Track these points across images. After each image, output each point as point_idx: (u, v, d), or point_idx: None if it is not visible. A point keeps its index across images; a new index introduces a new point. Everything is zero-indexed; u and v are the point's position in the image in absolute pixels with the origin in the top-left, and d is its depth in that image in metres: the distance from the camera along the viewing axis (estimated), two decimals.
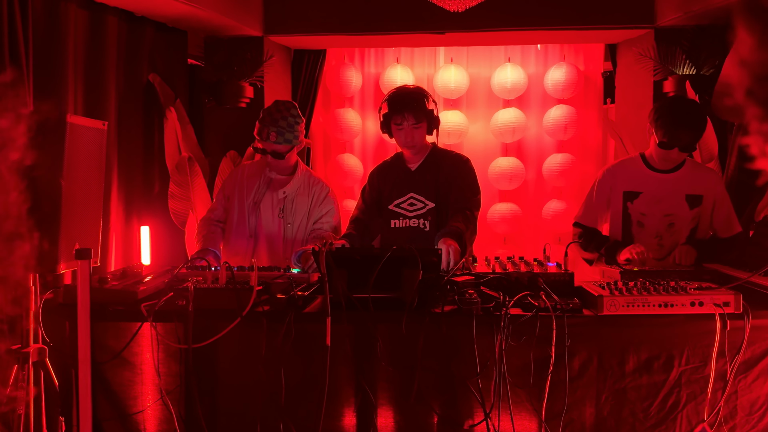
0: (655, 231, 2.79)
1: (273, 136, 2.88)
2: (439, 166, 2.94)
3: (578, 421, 2.06)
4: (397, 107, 2.86)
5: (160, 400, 2.13)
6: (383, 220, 3.00)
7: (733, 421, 2.04)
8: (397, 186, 2.98)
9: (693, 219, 2.78)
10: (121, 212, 3.58)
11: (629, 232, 2.82)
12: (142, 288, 2.22)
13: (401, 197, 2.96)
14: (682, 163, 2.80)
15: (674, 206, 2.77)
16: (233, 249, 3.02)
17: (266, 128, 2.90)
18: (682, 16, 3.74)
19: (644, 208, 2.80)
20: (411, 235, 2.90)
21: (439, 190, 2.91)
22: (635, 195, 2.81)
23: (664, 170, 2.80)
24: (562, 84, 4.66)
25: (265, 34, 4.27)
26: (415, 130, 2.87)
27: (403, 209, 2.95)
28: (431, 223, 2.90)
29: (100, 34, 3.39)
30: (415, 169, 2.97)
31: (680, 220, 2.77)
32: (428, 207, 2.91)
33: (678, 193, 2.77)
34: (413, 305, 2.04)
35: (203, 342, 2.03)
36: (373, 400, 2.06)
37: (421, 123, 2.86)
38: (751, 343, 2.02)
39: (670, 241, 2.78)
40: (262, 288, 2.15)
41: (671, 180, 2.79)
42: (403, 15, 4.15)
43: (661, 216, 2.78)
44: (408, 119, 2.85)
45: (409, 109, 2.84)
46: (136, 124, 3.74)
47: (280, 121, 2.89)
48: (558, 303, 2.04)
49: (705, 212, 2.78)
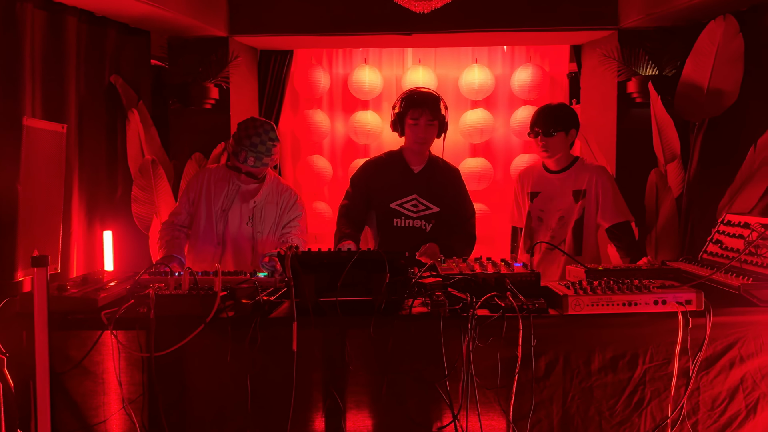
0: (550, 225, 3.13)
1: (251, 160, 2.87)
2: (444, 175, 3.13)
3: (546, 421, 2.07)
4: (417, 103, 2.99)
5: (122, 410, 2.08)
6: (382, 218, 3.05)
7: (696, 416, 2.08)
8: (399, 185, 3.06)
9: (577, 211, 3.08)
10: (83, 217, 3.50)
11: (530, 227, 3.19)
12: (103, 295, 2.16)
13: (404, 197, 3.04)
14: (572, 163, 3.13)
15: (563, 202, 3.11)
16: (200, 255, 2.97)
17: (244, 151, 2.87)
18: (644, 18, 3.80)
19: (542, 205, 3.16)
20: (412, 234, 3.00)
21: (444, 198, 3.07)
22: (536, 194, 3.19)
23: (555, 170, 3.15)
24: (528, 85, 4.71)
25: (230, 35, 4.22)
26: (429, 126, 3.00)
27: (407, 209, 3.04)
28: (433, 226, 3.03)
29: (59, 34, 3.30)
30: (419, 171, 3.08)
31: (568, 214, 3.10)
32: (433, 210, 3.04)
33: (566, 190, 3.11)
34: (381, 308, 2.03)
35: (166, 350, 1.99)
36: (341, 405, 2.05)
37: (435, 122, 3.00)
38: (713, 340, 2.06)
39: (560, 233, 3.11)
40: (227, 293, 2.11)
41: (561, 178, 3.13)
42: (370, 16, 4.14)
43: (554, 211, 3.12)
44: (425, 114, 2.97)
45: (426, 106, 2.98)
46: (98, 126, 3.66)
47: (259, 145, 2.87)
48: (524, 303, 2.05)
49: (590, 204, 3.08)
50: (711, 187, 3.67)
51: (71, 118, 3.39)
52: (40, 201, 2.48)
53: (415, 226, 3.02)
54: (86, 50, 3.53)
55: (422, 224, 3.03)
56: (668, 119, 3.66)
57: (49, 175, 2.52)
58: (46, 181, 2.51)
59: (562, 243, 3.08)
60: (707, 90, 3.55)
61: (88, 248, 3.54)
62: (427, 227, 3.02)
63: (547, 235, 3.12)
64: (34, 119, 2.52)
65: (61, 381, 2.08)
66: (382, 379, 2.04)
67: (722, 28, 3.41)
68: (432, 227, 3.03)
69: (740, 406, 2.08)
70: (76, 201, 3.43)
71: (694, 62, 3.59)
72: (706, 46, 3.51)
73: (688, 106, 3.68)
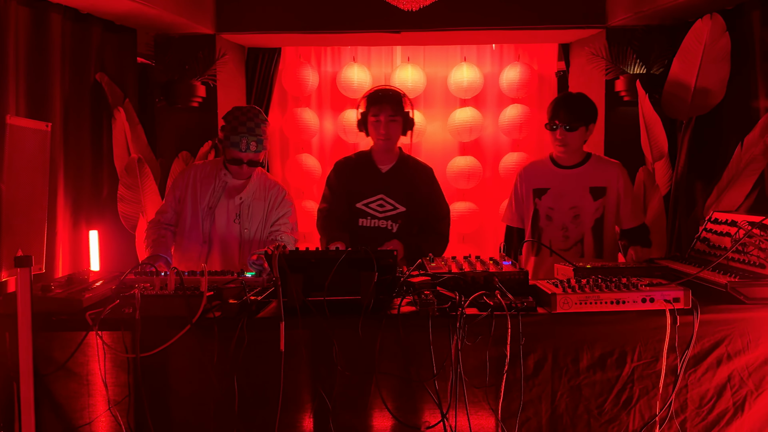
0: (562, 223, 2.96)
1: (253, 145, 2.83)
2: (414, 175, 3.07)
3: (534, 419, 2.07)
4: (377, 99, 2.98)
5: (108, 411, 2.06)
6: (348, 218, 3.03)
7: (684, 414, 2.08)
8: (367, 185, 3.04)
9: (597, 210, 2.94)
10: (68, 217, 3.46)
11: (538, 227, 3.00)
12: (88, 295, 2.13)
13: (370, 197, 3.02)
14: (586, 159, 2.99)
15: (578, 199, 2.95)
16: (186, 254, 2.94)
17: (244, 138, 2.81)
18: (632, 16, 3.81)
19: (551, 203, 2.98)
20: (377, 235, 2.96)
21: (412, 197, 3.02)
22: (543, 191, 3.00)
23: (568, 166, 2.99)
24: (516, 83, 4.71)
25: (217, 32, 4.19)
26: (391, 123, 2.97)
27: (373, 209, 3.01)
28: (399, 226, 2.99)
29: (43, 31, 3.26)
30: (387, 171, 3.05)
31: (584, 212, 2.94)
32: (398, 210, 3.00)
33: (582, 187, 2.96)
34: (369, 308, 2.02)
35: (152, 351, 1.97)
36: (329, 405, 2.03)
37: (397, 117, 2.97)
38: (700, 338, 2.06)
39: (576, 232, 2.95)
40: (213, 293, 2.09)
41: (575, 174, 2.97)
42: (359, 13, 4.12)
43: (566, 209, 2.96)
44: (385, 110, 2.95)
45: (386, 101, 2.96)
46: (83, 125, 3.62)
47: (255, 129, 2.83)
48: (513, 302, 2.04)
49: (610, 203, 2.95)
50: (698, 185, 3.69)
51: (56, 116, 3.35)
52: (24, 200, 2.45)
53: (381, 227, 2.99)
54: (71, 48, 3.49)
55: (388, 224, 3.00)
56: (656, 117, 3.67)
57: (34, 174, 2.49)
58: (30, 180, 2.47)
59: (579, 243, 2.95)
60: (694, 88, 3.57)
61: (74, 248, 3.50)
62: (393, 227, 2.99)
63: (560, 235, 2.96)
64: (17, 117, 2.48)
65: (45, 383, 2.05)
66: (370, 378, 2.03)
67: (709, 26, 3.43)
68: (399, 227, 2.99)
69: (728, 404, 2.08)
70: (61, 200, 3.39)
71: (682, 61, 3.61)
72: (693, 45, 3.52)
73: (676, 105, 3.70)
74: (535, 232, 3.02)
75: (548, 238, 2.98)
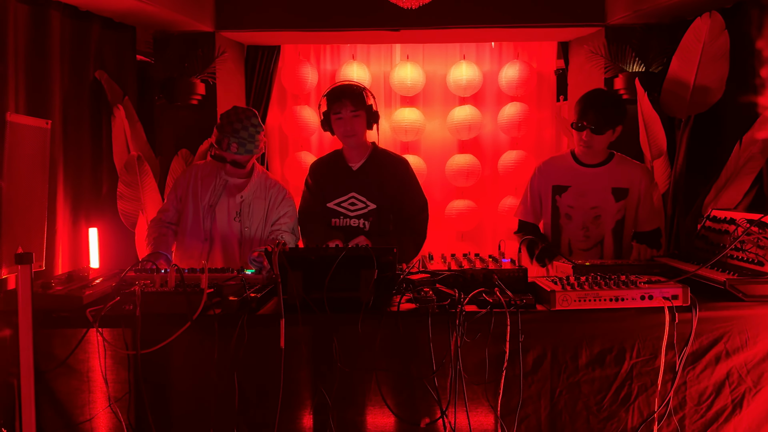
0: (582, 223, 2.88)
1: (234, 147, 2.83)
2: (383, 170, 2.98)
3: (533, 416, 2.08)
4: (335, 96, 2.91)
5: (108, 408, 2.07)
6: (324, 216, 3.00)
7: (683, 411, 2.09)
8: (338, 185, 2.99)
9: (618, 211, 2.87)
10: (68, 214, 3.46)
11: (557, 225, 2.92)
12: (88, 293, 2.14)
13: (342, 196, 2.98)
14: (609, 158, 2.91)
15: (600, 199, 2.86)
16: (187, 252, 2.95)
17: (226, 138, 2.83)
18: (631, 15, 3.81)
19: (572, 201, 2.89)
20: (351, 234, 2.91)
21: (383, 192, 2.95)
22: (563, 189, 2.91)
23: (591, 164, 2.90)
24: (515, 81, 4.71)
25: (216, 30, 4.19)
26: (354, 118, 2.90)
27: (344, 208, 2.97)
28: (372, 223, 2.94)
29: (43, 29, 3.26)
30: (357, 168, 2.99)
31: (606, 213, 2.86)
32: (369, 208, 2.94)
33: (604, 187, 2.87)
34: (369, 305, 2.03)
35: (152, 348, 1.97)
36: (329, 402, 2.04)
37: (359, 111, 2.90)
38: (699, 335, 2.07)
39: (596, 233, 2.87)
40: (214, 290, 2.10)
41: (598, 174, 2.88)
42: (358, 11, 4.12)
43: (587, 209, 2.87)
44: (346, 106, 2.88)
45: (346, 97, 2.88)
46: (83, 122, 3.61)
47: (241, 131, 2.84)
48: (512, 299, 2.05)
49: (631, 205, 2.87)
50: (697, 183, 3.69)
51: (55, 113, 3.35)
52: (24, 198, 2.44)
53: (353, 225, 2.94)
54: (70, 45, 3.49)
55: (360, 223, 2.94)
56: (655, 115, 3.68)
57: (33, 172, 2.48)
58: (30, 177, 2.47)
59: (599, 244, 2.88)
60: (693, 86, 3.57)
61: (74, 245, 3.50)
62: (366, 226, 2.93)
63: (580, 234, 2.88)
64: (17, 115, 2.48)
65: (45, 379, 2.06)
66: (370, 375, 2.04)
67: (708, 25, 3.43)
68: (371, 225, 2.94)
69: (726, 401, 2.09)
70: (61, 198, 3.39)
71: (680, 59, 3.61)
72: (692, 43, 3.53)
73: (675, 103, 3.70)
74: (554, 230, 2.93)
75: (567, 237, 2.91)
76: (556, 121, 4.88)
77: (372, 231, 2.93)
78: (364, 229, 2.93)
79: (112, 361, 2.06)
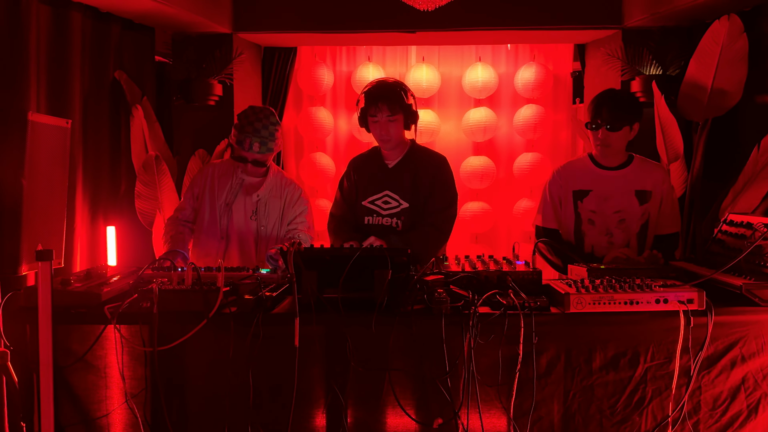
0: (606, 228, 2.79)
1: (256, 146, 2.84)
2: (418, 166, 2.90)
3: (546, 419, 2.08)
4: (373, 99, 2.81)
5: (125, 404, 2.09)
6: (357, 216, 2.96)
7: (697, 416, 2.08)
8: (373, 182, 2.93)
9: (643, 215, 2.78)
10: (86, 212, 3.51)
11: (580, 231, 2.83)
12: (107, 290, 2.17)
13: (376, 194, 2.91)
14: (630, 160, 2.82)
15: (624, 203, 2.77)
16: (204, 250, 2.98)
17: (248, 138, 2.83)
18: (648, 17, 3.80)
19: (594, 206, 2.79)
20: (384, 233, 2.84)
21: (417, 191, 2.87)
22: (585, 193, 2.81)
23: (611, 167, 2.81)
24: (531, 84, 4.70)
25: (234, 31, 4.23)
26: (390, 123, 2.80)
27: (378, 206, 2.90)
28: (404, 222, 2.88)
29: (64, 30, 3.31)
30: (393, 166, 2.93)
31: (630, 216, 2.77)
32: (402, 207, 2.88)
33: (627, 190, 2.78)
34: (383, 305, 2.04)
35: (169, 345, 2.00)
36: (343, 401, 2.05)
37: (397, 116, 2.80)
38: (714, 339, 2.06)
39: (621, 238, 2.78)
40: (230, 289, 2.12)
41: (619, 177, 2.79)
42: (374, 13, 4.14)
43: (611, 213, 2.78)
44: (383, 111, 2.78)
45: (383, 101, 2.78)
46: (102, 122, 3.66)
47: (262, 130, 2.85)
48: (526, 301, 2.05)
49: (653, 207, 2.79)
50: (714, 186, 3.66)
51: (76, 113, 3.40)
52: (45, 196, 2.48)
53: (385, 224, 2.87)
54: (90, 46, 3.54)
55: (393, 222, 2.86)
56: (671, 119, 3.66)
57: (54, 170, 2.53)
58: (51, 176, 2.51)
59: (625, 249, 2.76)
60: (711, 90, 3.55)
61: (92, 243, 3.55)
62: (399, 225, 2.86)
63: (604, 240, 2.78)
64: (39, 114, 2.53)
65: (64, 375, 2.09)
66: (383, 375, 2.05)
67: (726, 28, 3.40)
68: (404, 225, 2.86)
69: (741, 406, 2.08)
70: (80, 196, 3.44)
71: (698, 62, 3.59)
72: (710, 46, 3.50)
73: (692, 106, 3.68)
74: (577, 236, 2.84)
75: (591, 243, 2.81)
76: (571, 124, 4.86)
77: (404, 230, 2.85)
78: (396, 229, 2.86)
79: (129, 358, 2.08)
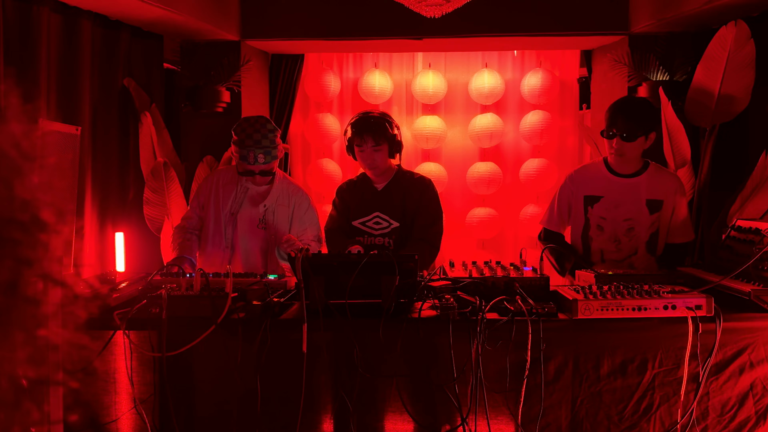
0: (614, 235, 2.78)
1: (261, 157, 2.84)
2: (406, 188, 3.07)
3: (554, 425, 2.07)
4: (358, 131, 2.97)
5: (133, 409, 2.10)
6: (350, 236, 3.06)
7: (705, 422, 2.07)
8: (363, 204, 3.08)
9: (653, 224, 2.77)
10: (95, 218, 3.53)
11: (587, 236, 2.82)
12: (116, 296, 2.18)
13: (366, 216, 3.06)
14: (644, 168, 2.81)
15: (634, 211, 2.76)
16: (209, 259, 2.98)
17: (251, 151, 2.83)
18: (655, 23, 3.80)
19: (604, 213, 2.79)
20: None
21: (405, 211, 3.03)
22: (596, 199, 2.81)
23: (625, 174, 2.80)
24: (538, 90, 4.71)
25: (242, 39, 4.25)
26: (375, 152, 2.97)
27: (369, 227, 3.04)
28: (395, 241, 3.02)
29: (74, 38, 3.35)
30: (382, 189, 3.08)
31: (640, 225, 2.76)
32: (393, 226, 3.03)
33: (638, 198, 2.77)
34: (390, 311, 2.04)
35: (177, 350, 2.01)
36: (350, 407, 2.06)
37: (381, 146, 2.96)
38: (723, 346, 2.05)
39: (629, 246, 2.78)
40: (238, 295, 2.13)
41: (632, 184, 2.78)
42: (381, 20, 4.15)
43: (620, 220, 2.77)
44: (368, 142, 2.95)
45: (369, 133, 2.95)
46: (111, 129, 3.70)
47: (263, 140, 2.85)
48: (533, 307, 2.05)
49: (664, 217, 2.77)
50: (722, 192, 3.65)
51: (85, 120, 3.43)
52: None
53: (377, 244, 3.02)
54: (100, 53, 3.57)
55: (385, 241, 3.02)
56: (679, 125, 3.65)
57: (63, 176, 2.55)
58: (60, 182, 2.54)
59: (633, 255, 2.77)
60: (718, 95, 3.54)
61: (101, 249, 3.57)
62: (391, 244, 3.02)
63: (612, 247, 2.78)
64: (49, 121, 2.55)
65: None
66: (390, 381, 2.05)
67: (733, 33, 3.40)
68: (395, 243, 3.02)
69: (750, 413, 2.07)
70: (89, 202, 3.46)
71: (705, 68, 3.58)
72: (717, 52, 3.50)
73: (699, 112, 3.67)
74: (584, 241, 2.83)
75: (598, 249, 2.80)
76: (578, 130, 4.86)
77: (396, 249, 3.00)
78: (388, 248, 3.00)
79: (138, 363, 2.10)
